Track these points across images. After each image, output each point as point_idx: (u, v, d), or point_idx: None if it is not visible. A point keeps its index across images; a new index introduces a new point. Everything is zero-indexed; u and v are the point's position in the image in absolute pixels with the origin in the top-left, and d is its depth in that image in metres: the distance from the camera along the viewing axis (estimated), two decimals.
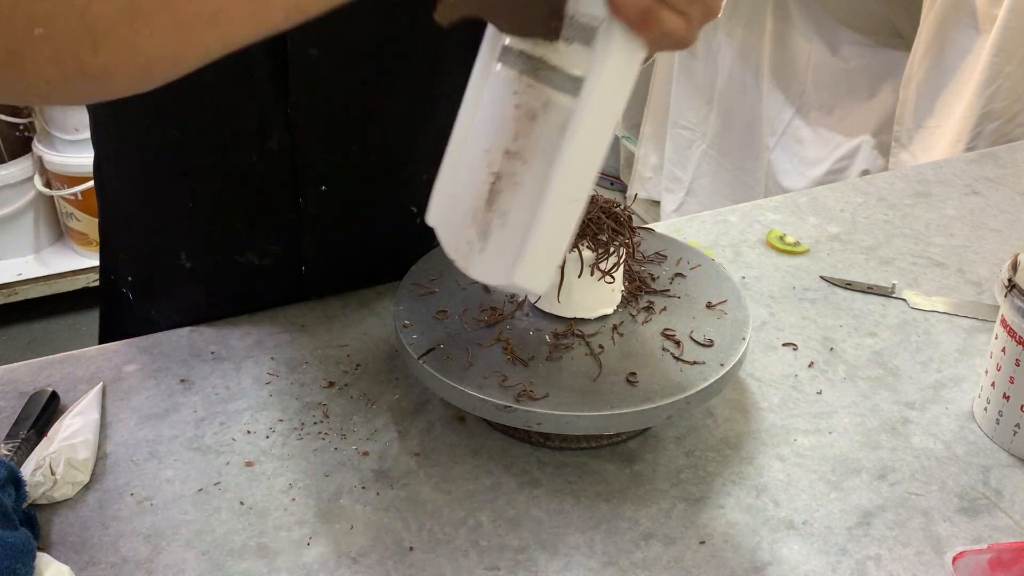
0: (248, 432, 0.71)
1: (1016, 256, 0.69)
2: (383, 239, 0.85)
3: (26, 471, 0.64)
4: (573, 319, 0.70)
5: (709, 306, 0.73)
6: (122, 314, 0.87)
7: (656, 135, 2.57)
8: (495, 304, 0.72)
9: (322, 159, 0.77)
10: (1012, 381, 0.69)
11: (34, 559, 0.56)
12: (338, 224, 0.81)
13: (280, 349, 0.79)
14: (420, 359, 0.66)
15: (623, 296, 0.72)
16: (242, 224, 0.79)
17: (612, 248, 0.68)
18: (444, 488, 0.66)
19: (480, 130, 0.57)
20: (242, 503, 0.64)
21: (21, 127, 2.32)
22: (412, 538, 0.62)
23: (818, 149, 2.04)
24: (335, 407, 0.73)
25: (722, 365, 0.66)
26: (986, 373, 0.72)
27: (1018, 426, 0.69)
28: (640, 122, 2.64)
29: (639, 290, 0.74)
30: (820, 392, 0.76)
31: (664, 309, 0.72)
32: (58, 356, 0.78)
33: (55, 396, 0.73)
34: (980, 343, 0.83)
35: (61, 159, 2.23)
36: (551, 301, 0.70)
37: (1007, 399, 0.69)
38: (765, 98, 2.16)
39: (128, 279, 0.85)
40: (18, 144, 2.32)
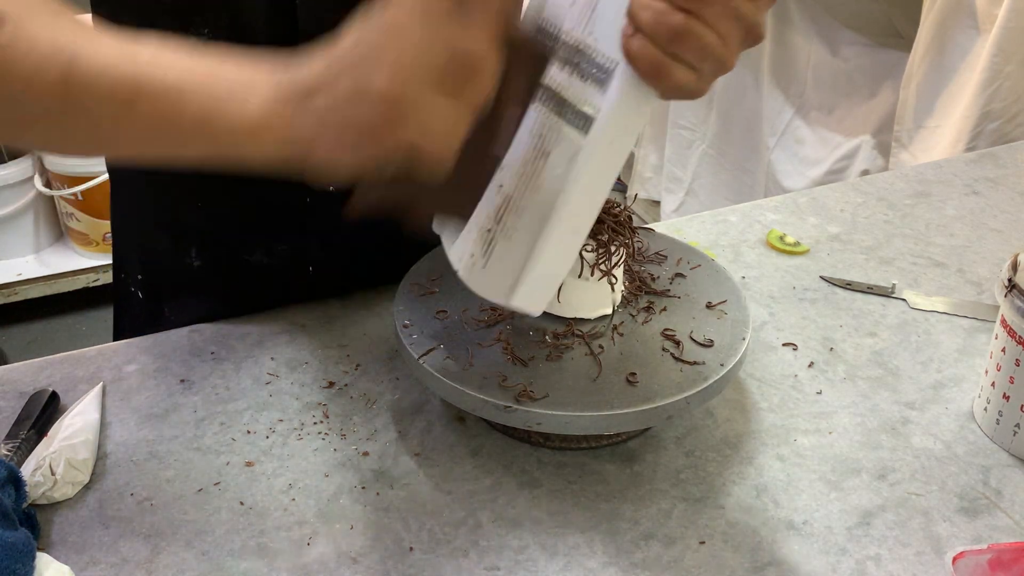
0: (248, 432, 0.71)
1: (1016, 256, 0.69)
2: (390, 239, 0.84)
3: (26, 471, 0.63)
4: (573, 319, 0.70)
5: (709, 306, 0.73)
6: (133, 312, 0.87)
7: (656, 135, 2.57)
8: (495, 304, 0.72)
9: None
10: (1012, 381, 0.69)
11: (34, 559, 0.56)
12: (345, 224, 0.81)
13: (280, 349, 0.79)
14: (420, 359, 0.66)
15: (623, 296, 0.72)
16: (251, 223, 0.80)
17: (612, 248, 0.68)
18: (444, 488, 0.66)
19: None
20: (242, 503, 0.64)
21: None
22: (412, 538, 0.62)
23: (818, 149, 2.04)
24: (335, 407, 0.73)
25: (722, 365, 0.66)
26: (986, 373, 0.72)
27: (1018, 426, 0.69)
28: None
29: (639, 290, 0.74)
30: (820, 392, 0.76)
31: (664, 309, 0.72)
32: (58, 356, 0.78)
33: (55, 396, 0.73)
34: (980, 343, 0.83)
35: (61, 159, 2.22)
36: (551, 301, 0.70)
37: (1007, 399, 0.69)
38: (765, 98, 2.16)
39: (138, 277, 0.86)
40: None
